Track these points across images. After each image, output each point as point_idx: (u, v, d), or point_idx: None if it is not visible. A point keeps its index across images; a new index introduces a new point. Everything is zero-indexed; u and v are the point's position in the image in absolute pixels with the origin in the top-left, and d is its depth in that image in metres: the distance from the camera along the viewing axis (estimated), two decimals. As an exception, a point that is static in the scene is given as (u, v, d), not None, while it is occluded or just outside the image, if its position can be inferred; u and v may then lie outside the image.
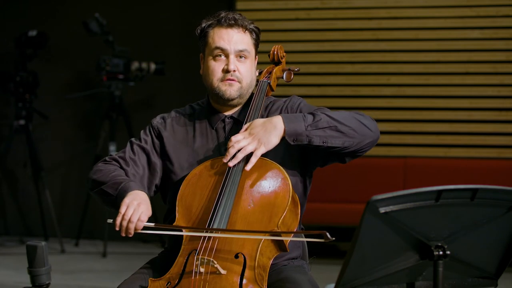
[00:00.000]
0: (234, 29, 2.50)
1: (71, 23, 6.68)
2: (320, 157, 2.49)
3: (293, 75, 2.66)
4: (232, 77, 2.48)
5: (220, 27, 2.50)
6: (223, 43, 2.48)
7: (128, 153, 2.54)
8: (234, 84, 2.49)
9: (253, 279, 2.21)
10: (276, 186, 2.35)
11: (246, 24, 2.51)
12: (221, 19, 2.50)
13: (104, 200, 2.43)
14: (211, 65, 2.50)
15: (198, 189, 2.40)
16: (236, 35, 2.49)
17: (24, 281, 2.51)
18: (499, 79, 6.04)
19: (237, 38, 2.49)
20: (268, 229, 2.28)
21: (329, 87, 6.31)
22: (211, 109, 2.57)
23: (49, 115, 6.52)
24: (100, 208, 6.48)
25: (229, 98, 2.50)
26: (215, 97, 2.53)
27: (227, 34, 2.49)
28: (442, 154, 6.12)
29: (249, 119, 2.45)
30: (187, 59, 6.45)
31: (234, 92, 2.49)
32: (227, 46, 2.48)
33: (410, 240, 1.87)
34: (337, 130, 2.36)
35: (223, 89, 2.49)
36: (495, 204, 1.88)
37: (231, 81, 2.48)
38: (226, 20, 2.49)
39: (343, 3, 6.29)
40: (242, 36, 2.50)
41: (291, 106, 2.56)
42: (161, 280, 2.28)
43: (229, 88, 2.48)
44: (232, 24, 2.49)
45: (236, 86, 2.49)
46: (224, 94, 2.49)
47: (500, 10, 6.04)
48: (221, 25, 2.50)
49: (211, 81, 2.50)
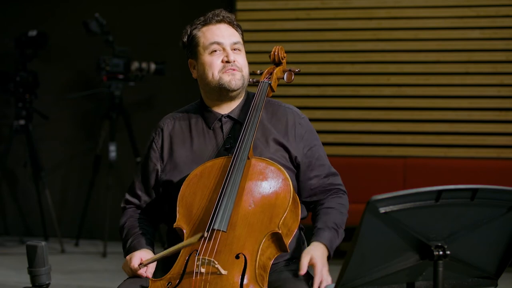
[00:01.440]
0: (223, 24, 2.53)
1: (71, 23, 6.68)
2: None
3: (294, 76, 2.66)
4: (233, 66, 2.48)
5: (209, 25, 2.52)
6: (217, 37, 2.50)
7: (139, 187, 2.59)
8: (237, 73, 2.49)
9: (254, 279, 2.21)
10: (277, 186, 2.36)
11: (233, 19, 2.56)
12: (207, 19, 2.53)
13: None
14: (208, 60, 2.50)
15: (198, 190, 2.40)
16: (227, 29, 2.53)
17: (24, 281, 2.51)
18: (499, 79, 6.04)
19: (229, 32, 2.53)
20: (269, 229, 2.29)
21: (329, 87, 6.31)
22: (207, 109, 2.56)
23: (49, 115, 6.52)
24: (100, 208, 6.49)
25: (234, 88, 2.49)
26: (217, 91, 2.51)
27: (218, 29, 2.51)
28: (442, 154, 6.12)
29: (250, 119, 2.44)
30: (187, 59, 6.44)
31: (238, 81, 2.49)
32: (222, 40, 2.49)
33: (410, 240, 1.87)
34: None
35: (227, 80, 2.48)
36: (495, 204, 1.88)
37: (233, 71, 2.48)
38: (214, 17, 2.52)
39: (343, 3, 6.29)
40: (232, 30, 2.54)
41: (299, 134, 2.55)
42: (161, 280, 2.29)
43: (232, 77, 2.48)
44: (220, 20, 2.53)
45: (239, 75, 2.49)
46: (230, 85, 2.48)
47: (500, 10, 6.04)
48: (210, 23, 2.52)
49: (212, 74, 2.49)
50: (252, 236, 2.28)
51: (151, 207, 2.59)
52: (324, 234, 2.40)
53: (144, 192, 2.58)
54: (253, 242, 2.27)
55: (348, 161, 6.00)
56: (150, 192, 2.57)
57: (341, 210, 2.50)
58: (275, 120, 2.55)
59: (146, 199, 2.58)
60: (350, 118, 6.26)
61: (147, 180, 2.57)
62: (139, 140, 6.21)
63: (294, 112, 2.59)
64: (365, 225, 1.79)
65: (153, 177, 2.56)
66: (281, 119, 2.56)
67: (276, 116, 2.56)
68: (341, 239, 2.47)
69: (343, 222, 2.49)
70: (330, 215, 2.47)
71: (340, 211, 2.50)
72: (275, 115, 2.57)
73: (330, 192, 2.54)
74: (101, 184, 6.49)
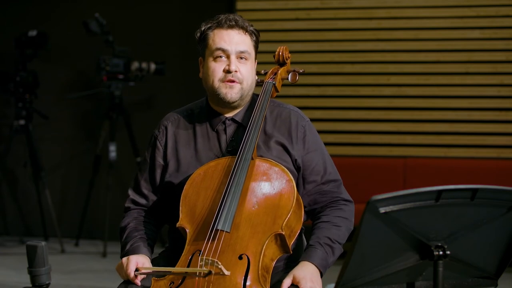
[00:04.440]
0: (234, 30, 2.48)
1: (71, 23, 6.68)
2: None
3: (298, 76, 2.66)
4: (233, 77, 2.45)
5: (220, 28, 2.48)
6: (224, 44, 2.46)
7: (144, 186, 2.57)
8: (235, 86, 2.46)
9: (257, 280, 2.21)
10: (281, 187, 2.36)
11: (247, 25, 2.50)
12: (221, 21, 2.48)
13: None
14: (211, 66, 2.47)
15: (202, 189, 2.40)
16: (236, 36, 2.48)
17: (24, 281, 2.51)
18: (499, 79, 6.04)
19: (238, 39, 2.48)
20: (272, 231, 2.29)
21: (329, 87, 6.31)
22: (211, 110, 2.55)
23: (49, 115, 6.52)
24: (100, 208, 6.49)
25: (229, 101, 2.47)
26: (216, 99, 2.50)
27: (228, 35, 2.47)
28: (442, 154, 6.12)
29: (254, 120, 2.44)
30: (187, 59, 6.45)
31: (234, 95, 2.47)
32: (227, 47, 2.46)
33: (410, 240, 1.87)
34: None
35: (223, 92, 2.46)
36: (495, 204, 1.88)
37: (231, 83, 2.46)
38: (226, 22, 2.48)
39: (343, 3, 6.29)
40: (243, 38, 2.49)
41: (301, 137, 2.53)
42: (164, 279, 2.28)
43: (229, 90, 2.46)
44: (232, 25, 2.48)
45: (237, 88, 2.47)
46: (225, 97, 2.46)
47: (500, 10, 6.04)
48: (222, 26, 2.48)
49: (212, 82, 2.47)
50: (256, 237, 2.28)
51: (157, 207, 2.56)
52: (315, 253, 2.36)
53: (151, 191, 2.55)
54: (256, 243, 2.27)
55: (348, 161, 6.00)
56: (156, 191, 2.55)
57: (338, 224, 2.45)
58: (279, 122, 2.55)
59: (153, 198, 2.55)
60: (350, 118, 6.26)
61: (153, 179, 2.55)
62: (139, 140, 6.21)
63: (298, 114, 2.58)
64: (365, 225, 1.79)
65: (158, 175, 2.54)
66: (284, 121, 2.55)
67: (280, 118, 2.56)
68: (338, 254, 2.41)
69: (340, 236, 2.43)
70: (324, 230, 2.42)
71: (337, 225, 2.44)
72: (279, 116, 2.56)
73: (329, 203, 2.51)
74: (101, 184, 6.49)
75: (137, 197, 2.57)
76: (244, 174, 2.33)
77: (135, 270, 2.33)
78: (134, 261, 2.35)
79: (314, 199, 2.51)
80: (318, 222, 2.46)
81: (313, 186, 2.51)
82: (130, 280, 2.34)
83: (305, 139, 2.54)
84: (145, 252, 2.42)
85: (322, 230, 2.42)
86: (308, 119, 2.60)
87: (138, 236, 2.47)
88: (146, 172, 2.56)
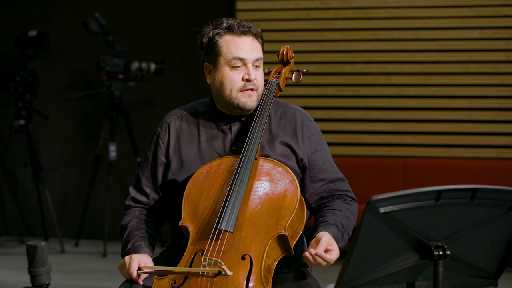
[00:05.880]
0: (248, 37, 2.46)
1: (71, 23, 6.68)
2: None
3: (302, 76, 2.66)
4: (252, 86, 2.45)
5: (232, 34, 2.45)
6: (241, 53, 2.44)
7: (145, 184, 2.56)
8: (254, 94, 2.46)
9: (259, 281, 2.21)
10: (284, 188, 2.35)
11: (258, 31, 2.49)
12: (231, 27, 2.45)
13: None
14: (229, 75, 2.45)
15: (205, 188, 2.39)
16: (251, 43, 2.46)
17: (24, 281, 2.51)
18: (499, 79, 6.04)
19: (253, 46, 2.46)
20: (275, 231, 2.29)
21: (329, 87, 6.31)
22: (218, 112, 2.54)
23: (49, 115, 6.52)
24: (100, 208, 6.49)
25: (249, 109, 2.48)
26: (230, 106, 2.48)
27: (242, 43, 2.45)
28: (442, 154, 6.12)
29: (258, 120, 2.44)
30: (187, 59, 6.45)
31: (254, 103, 2.47)
32: (245, 56, 2.44)
33: (410, 240, 1.87)
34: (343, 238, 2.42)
35: (243, 101, 2.45)
36: (495, 204, 1.88)
37: (251, 92, 2.45)
38: (238, 28, 2.45)
39: (343, 3, 6.28)
40: (255, 44, 2.48)
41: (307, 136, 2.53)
42: (166, 278, 2.28)
43: (249, 99, 2.45)
44: (245, 32, 2.45)
45: (255, 96, 2.47)
46: (245, 106, 2.46)
47: (500, 10, 6.04)
48: (234, 32, 2.45)
49: (230, 91, 2.45)
50: (258, 238, 2.28)
51: (158, 205, 2.55)
52: (330, 228, 2.35)
53: (152, 189, 2.54)
54: (259, 244, 2.27)
55: (348, 161, 6.00)
56: (157, 189, 2.54)
57: (348, 215, 2.45)
58: (283, 121, 2.55)
59: (155, 196, 2.54)
60: (350, 118, 6.26)
61: (155, 177, 2.54)
62: (139, 140, 6.21)
63: (302, 114, 2.58)
64: (365, 225, 1.79)
65: (160, 173, 2.53)
66: (290, 120, 2.55)
67: (284, 117, 2.55)
68: (344, 244, 2.39)
69: (349, 227, 2.43)
70: (336, 216, 2.41)
71: (347, 215, 2.44)
72: (284, 116, 2.56)
73: (336, 196, 2.51)
74: (101, 184, 6.49)
75: (138, 194, 2.56)
76: (247, 174, 2.33)
77: (137, 269, 2.33)
78: (136, 260, 2.34)
79: (322, 197, 2.51)
80: (330, 209, 2.45)
81: (321, 184, 2.51)
82: (133, 279, 2.33)
83: (311, 139, 2.54)
84: (147, 251, 2.42)
85: (334, 215, 2.41)
86: (312, 118, 2.60)
87: (139, 234, 2.47)
88: (148, 170, 2.56)
